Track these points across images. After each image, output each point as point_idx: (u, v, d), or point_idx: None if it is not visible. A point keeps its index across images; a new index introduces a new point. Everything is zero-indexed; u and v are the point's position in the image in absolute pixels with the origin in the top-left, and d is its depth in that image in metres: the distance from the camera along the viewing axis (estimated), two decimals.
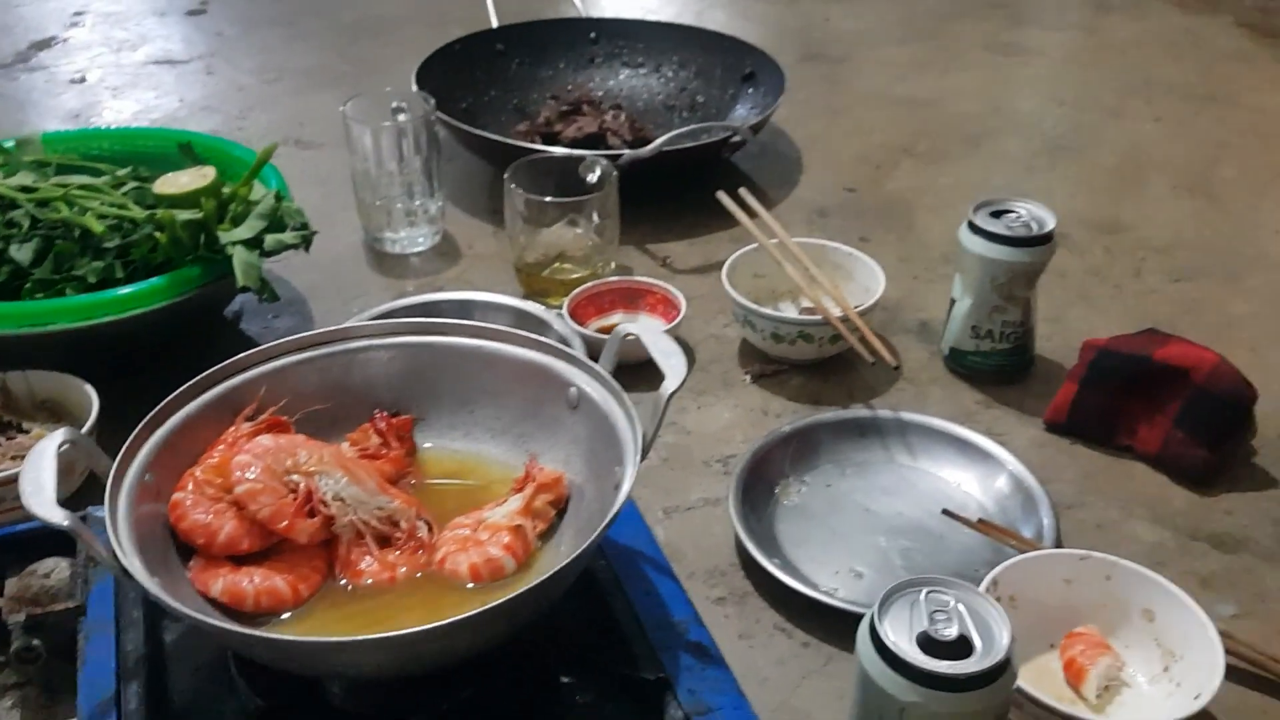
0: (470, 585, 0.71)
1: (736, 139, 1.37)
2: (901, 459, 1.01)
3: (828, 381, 1.12)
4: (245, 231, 1.04)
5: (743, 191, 1.24)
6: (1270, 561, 0.90)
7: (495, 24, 1.66)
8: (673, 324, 1.13)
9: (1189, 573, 0.88)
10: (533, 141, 1.46)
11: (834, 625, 0.82)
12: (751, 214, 1.21)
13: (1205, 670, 0.69)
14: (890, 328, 1.20)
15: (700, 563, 0.90)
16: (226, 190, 1.09)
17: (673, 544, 0.92)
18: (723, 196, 1.23)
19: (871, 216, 1.42)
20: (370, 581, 0.72)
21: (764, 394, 1.11)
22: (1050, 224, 1.04)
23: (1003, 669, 0.60)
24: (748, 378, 1.13)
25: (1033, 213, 1.06)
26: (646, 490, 0.97)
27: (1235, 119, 1.67)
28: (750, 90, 1.58)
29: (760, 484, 0.96)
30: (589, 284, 1.18)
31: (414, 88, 1.43)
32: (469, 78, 1.58)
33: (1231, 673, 0.74)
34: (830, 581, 0.87)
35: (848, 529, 0.93)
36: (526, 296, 1.18)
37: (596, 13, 1.97)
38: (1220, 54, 1.90)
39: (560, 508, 0.76)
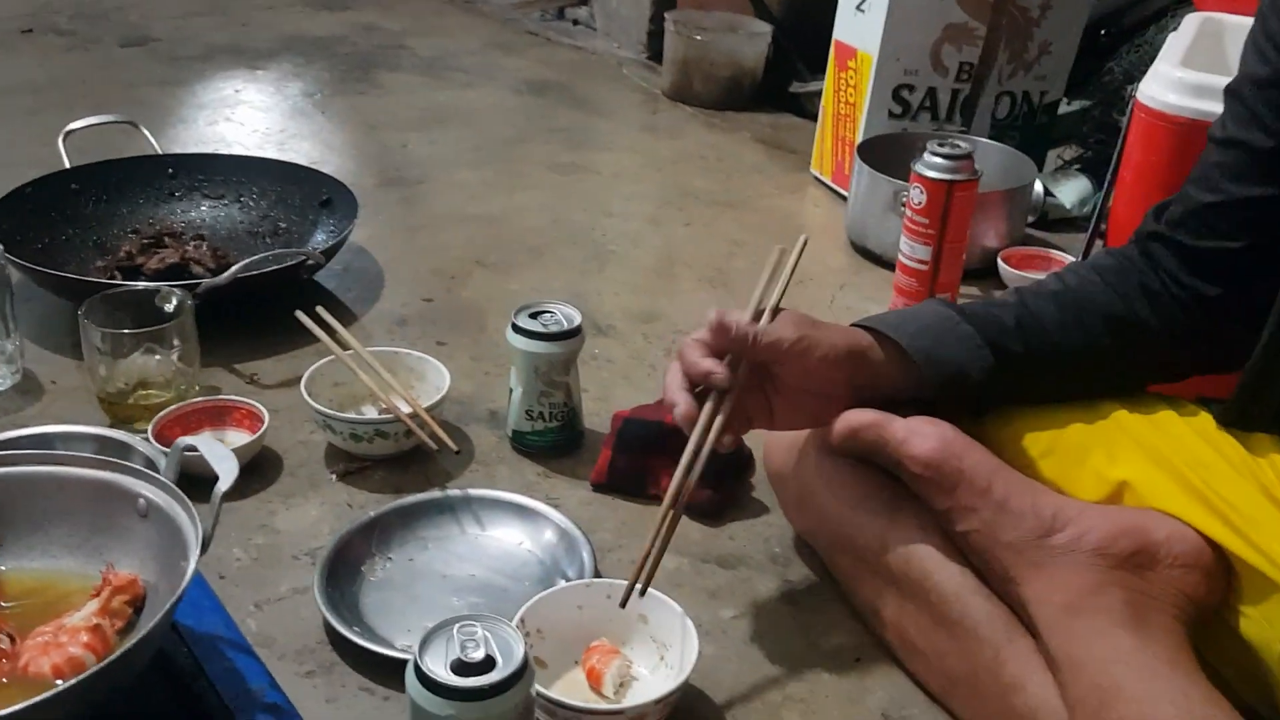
0: (58, 683, 0.77)
1: (311, 263, 1.50)
2: (473, 529, 1.16)
3: (408, 471, 1.26)
4: None
5: (320, 309, 1.36)
6: (762, 573, 1.12)
7: (68, 164, 1.69)
8: (257, 435, 1.22)
9: (701, 588, 1.09)
10: (113, 276, 1.51)
11: None
12: (330, 330, 1.34)
13: (687, 652, 0.89)
14: (465, 418, 1.36)
15: (290, 644, 1.00)
16: None
17: (264, 631, 1.01)
18: (301, 316, 1.34)
19: (447, 322, 1.59)
20: None
21: (350, 490, 1.23)
22: (577, 320, 1.25)
23: (518, 677, 0.75)
24: (334, 477, 1.25)
25: (564, 312, 1.26)
26: (238, 588, 1.06)
27: (749, 220, 2.00)
28: (328, 215, 1.71)
29: (346, 566, 1.08)
30: (174, 406, 1.25)
31: None
32: (44, 218, 1.61)
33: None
34: (406, 640, 1.00)
35: (427, 594, 1.07)
36: (112, 425, 1.23)
37: (176, 148, 2.04)
38: (741, 166, 2.26)
39: (137, 606, 0.84)
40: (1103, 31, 2.82)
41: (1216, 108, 0.96)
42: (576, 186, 2.12)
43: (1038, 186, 1.97)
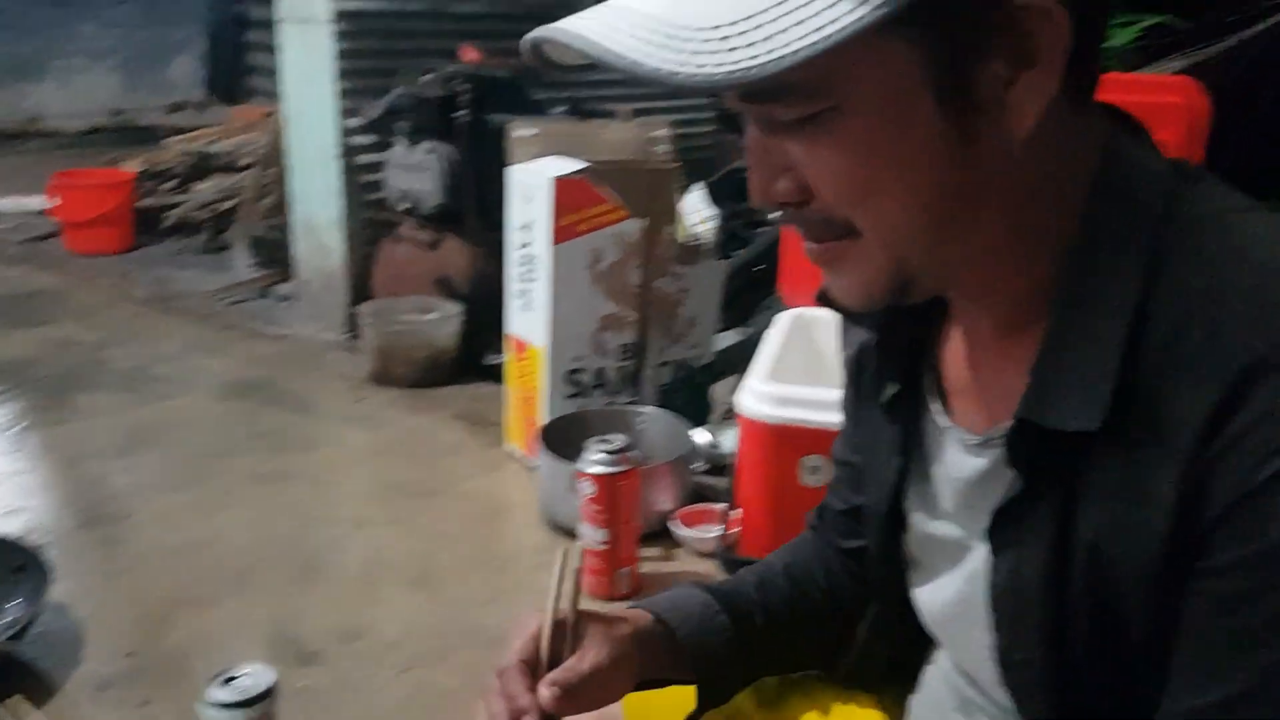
0: None
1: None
2: None
3: None
4: None
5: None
6: None
7: None
8: None
9: None
10: None
11: None
12: None
13: None
14: None
15: None
16: None
17: None
18: None
19: (152, 678, 1.63)
20: None
21: None
22: (267, 682, 1.33)
23: None
24: None
25: (255, 675, 1.34)
26: None
27: (452, 508, 2.14)
28: (24, 582, 1.73)
29: None
30: None
31: None
32: None
33: None
34: None
35: None
36: None
37: None
38: (442, 448, 2.41)
39: None
40: (757, 268, 3.22)
41: (801, 414, 1.17)
42: (280, 497, 2.20)
43: (704, 438, 2.22)
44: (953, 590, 0.77)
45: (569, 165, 2.15)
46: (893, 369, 0.79)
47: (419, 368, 2.74)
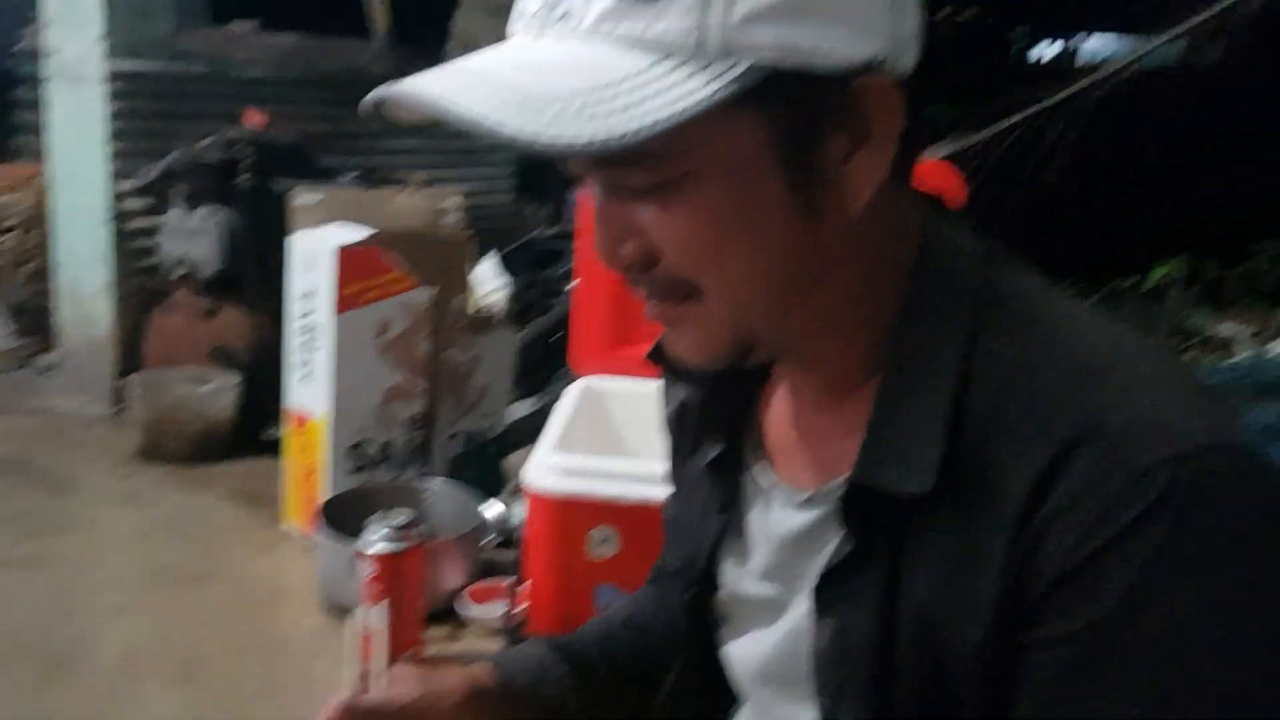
0: None
1: None
2: None
3: None
4: None
5: None
6: None
7: None
8: None
9: None
10: None
11: None
12: None
13: None
14: None
15: None
16: None
17: None
18: None
19: None
20: None
21: None
22: None
23: None
24: None
25: None
26: None
27: (223, 593, 2.01)
28: None
29: None
30: None
31: None
32: None
33: None
34: None
35: None
36: None
37: None
38: (215, 529, 2.28)
39: None
40: (553, 337, 3.21)
41: (589, 485, 1.15)
42: (31, 585, 2.02)
43: (496, 511, 2.17)
44: (770, 648, 0.77)
45: (355, 233, 2.09)
46: (716, 428, 0.80)
47: (192, 442, 2.59)
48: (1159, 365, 0.63)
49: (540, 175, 5.04)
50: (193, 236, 2.74)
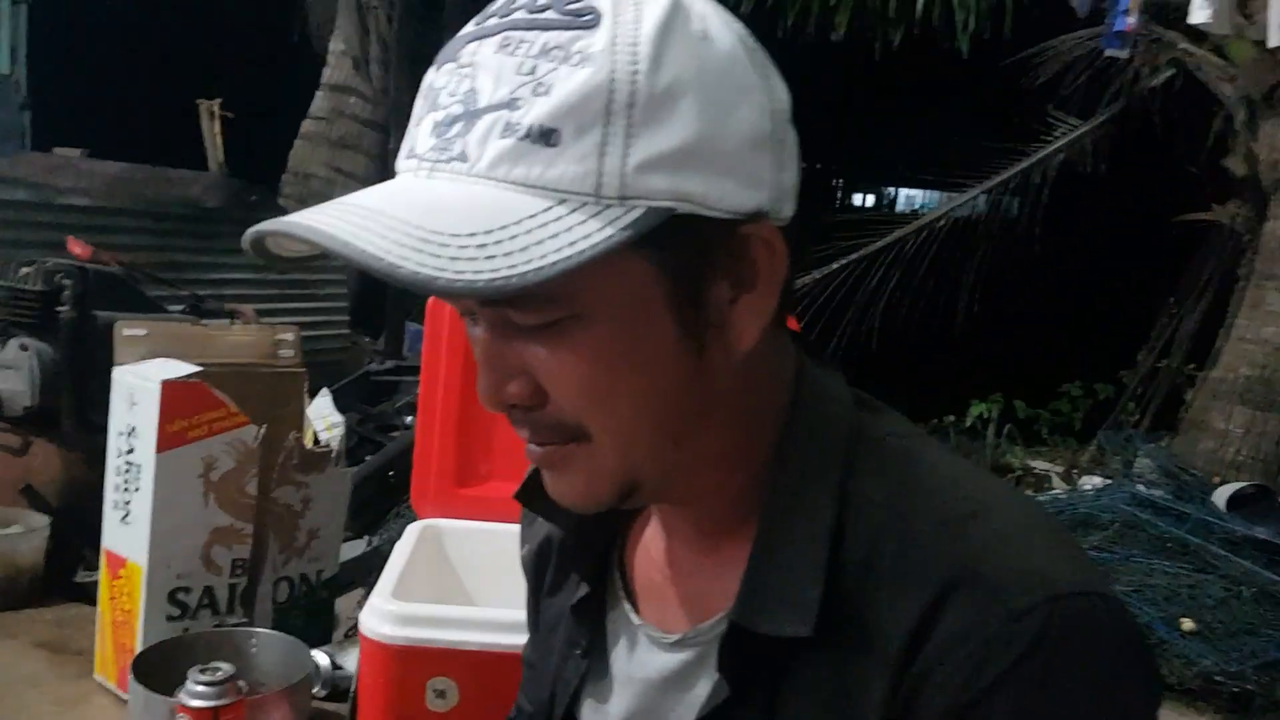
0: None
1: None
2: None
3: None
4: None
5: None
6: None
7: None
8: None
9: None
10: None
11: None
12: None
13: None
14: None
15: None
16: None
17: None
18: None
19: None
20: None
21: None
22: None
23: None
24: None
25: None
26: None
27: None
28: None
29: None
30: None
31: None
32: None
33: None
34: None
35: None
36: None
37: None
38: (16, 681, 2.10)
39: None
40: (390, 474, 3.14)
41: (428, 633, 1.10)
42: None
43: (324, 661, 2.08)
44: None
45: (181, 368, 2.02)
46: (581, 569, 0.79)
47: None
48: (1024, 510, 0.66)
49: (373, 308, 5.00)
50: (4, 370, 2.59)
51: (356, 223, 0.57)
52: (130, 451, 2.00)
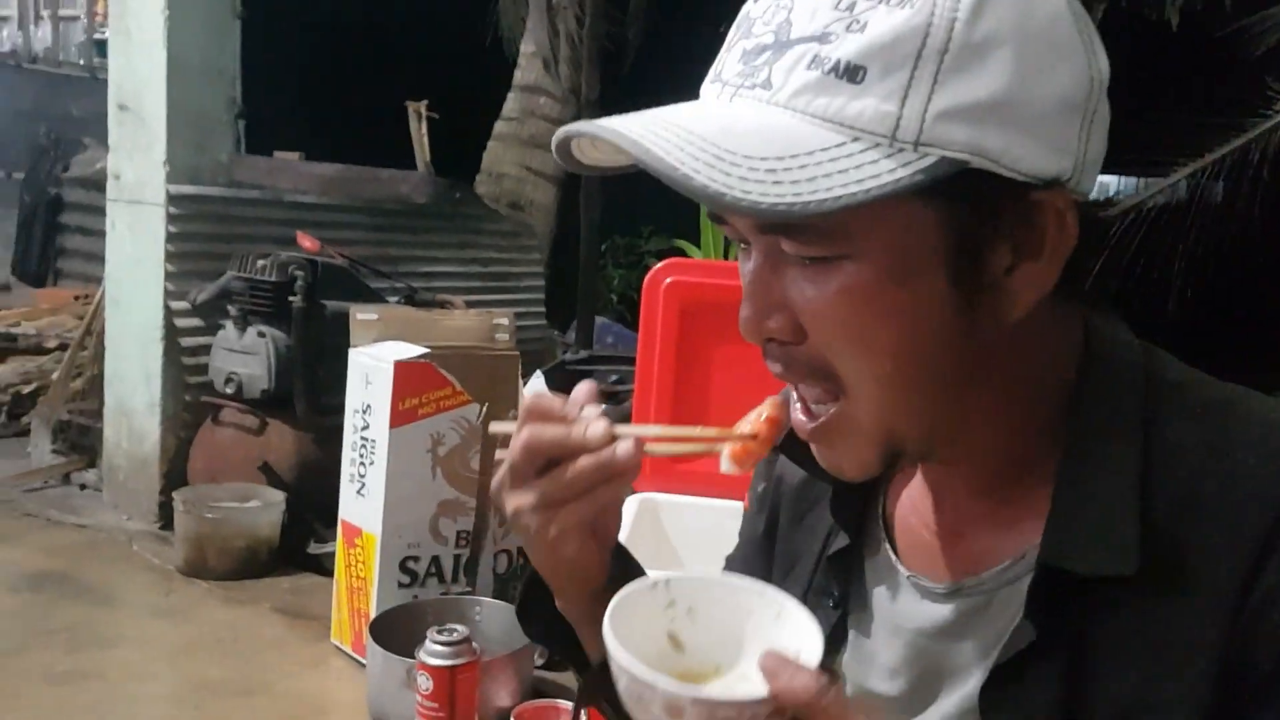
0: None
1: None
2: None
3: None
4: None
5: None
6: None
7: None
8: None
9: None
10: None
11: None
12: None
13: None
14: None
15: None
16: None
17: None
18: None
19: None
20: None
21: None
22: None
23: None
24: None
25: None
26: None
27: (269, 710, 1.99)
28: None
29: None
30: None
31: None
32: None
33: None
34: None
35: None
36: None
37: None
38: (260, 644, 2.26)
39: None
40: None
41: None
42: (76, 699, 2.00)
43: None
44: None
45: (411, 349, 2.13)
46: (844, 519, 0.77)
47: (236, 558, 2.59)
48: None
49: (561, 303, 5.12)
50: (243, 355, 2.79)
51: (660, 133, 0.58)
52: (366, 428, 2.13)
